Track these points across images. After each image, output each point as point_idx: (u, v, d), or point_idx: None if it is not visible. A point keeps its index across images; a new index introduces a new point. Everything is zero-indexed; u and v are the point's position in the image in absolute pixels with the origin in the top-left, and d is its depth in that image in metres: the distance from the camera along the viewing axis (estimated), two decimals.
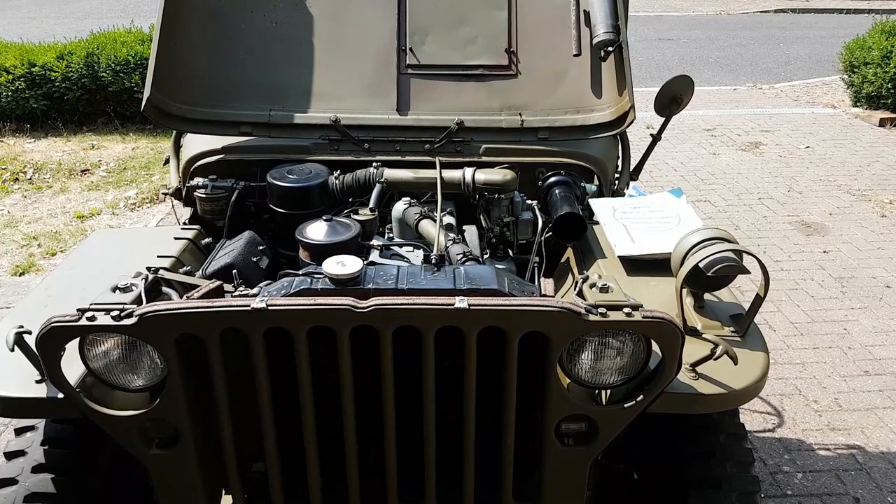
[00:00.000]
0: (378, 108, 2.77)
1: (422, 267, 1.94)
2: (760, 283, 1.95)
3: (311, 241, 2.20)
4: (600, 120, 2.71)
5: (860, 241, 5.59)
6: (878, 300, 4.76)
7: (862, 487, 3.22)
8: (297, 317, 1.60)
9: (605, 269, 2.29)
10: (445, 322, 1.63)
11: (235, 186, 2.70)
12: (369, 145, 2.75)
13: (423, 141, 2.74)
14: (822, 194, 6.54)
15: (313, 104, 2.78)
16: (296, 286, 1.83)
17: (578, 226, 2.38)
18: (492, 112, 2.75)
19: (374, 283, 1.84)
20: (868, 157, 7.48)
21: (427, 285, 1.84)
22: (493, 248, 2.55)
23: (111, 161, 7.37)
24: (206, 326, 1.60)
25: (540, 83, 2.76)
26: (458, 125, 2.72)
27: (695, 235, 2.00)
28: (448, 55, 2.79)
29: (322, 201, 2.62)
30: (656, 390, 1.73)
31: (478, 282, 1.86)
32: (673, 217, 2.46)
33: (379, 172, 2.59)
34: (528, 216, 2.55)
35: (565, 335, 1.65)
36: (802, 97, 10.02)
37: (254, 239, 2.48)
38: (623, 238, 2.34)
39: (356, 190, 2.61)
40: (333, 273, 1.81)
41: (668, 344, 1.66)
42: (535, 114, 2.75)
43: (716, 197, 6.51)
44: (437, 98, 2.76)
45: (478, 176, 2.51)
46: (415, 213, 2.40)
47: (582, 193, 2.64)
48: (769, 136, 8.21)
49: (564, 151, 2.73)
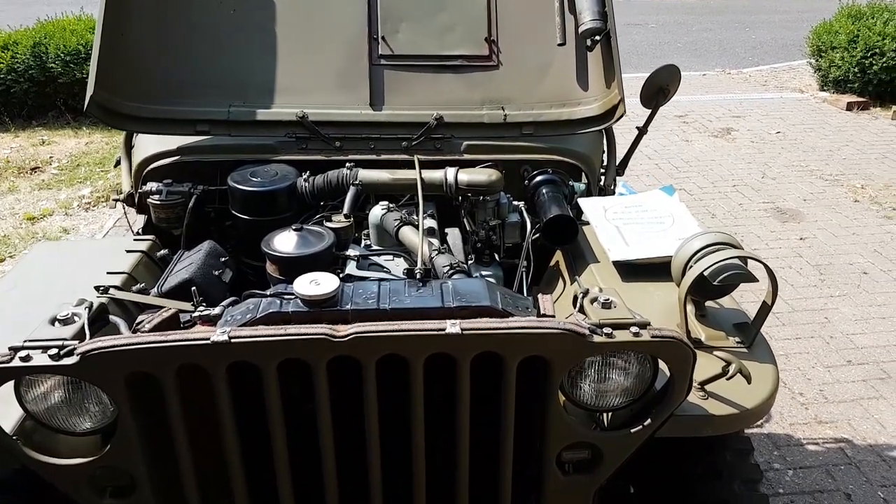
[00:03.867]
0: (349, 102, 2.56)
1: (405, 282, 1.76)
2: (767, 291, 1.81)
3: (279, 253, 2.00)
4: (588, 114, 2.54)
5: (835, 227, 5.55)
6: (857, 287, 4.71)
7: (853, 483, 3.14)
8: (265, 350, 1.42)
9: (600, 275, 2.14)
10: (436, 349, 1.46)
11: (193, 191, 2.48)
12: (341, 143, 2.55)
13: (399, 138, 2.54)
14: (796, 180, 6.49)
15: (278, 99, 2.57)
16: (263, 310, 1.63)
17: (570, 229, 2.22)
18: (473, 106, 2.57)
19: (353, 304, 1.65)
20: (838, 142, 7.48)
21: (413, 304, 1.66)
22: (479, 253, 2.37)
23: (63, 157, 7.02)
24: (160, 364, 1.40)
25: (523, 75, 2.59)
26: (437, 120, 2.53)
27: (697, 241, 1.85)
28: (424, 44, 2.60)
29: (290, 206, 2.42)
30: (665, 413, 1.58)
31: (468, 298, 1.68)
32: (667, 217, 2.32)
33: (353, 174, 2.39)
34: (516, 219, 2.38)
35: (568, 359, 1.49)
36: (771, 82, 10.02)
37: (215, 249, 2.28)
38: (617, 241, 2.18)
39: (328, 193, 2.41)
40: (306, 294, 1.62)
41: (678, 364, 1.51)
42: (519, 108, 2.57)
43: (690, 185, 6.43)
44: (413, 91, 2.57)
45: (461, 177, 2.33)
46: (394, 219, 2.21)
47: (570, 192, 2.48)
48: (740, 122, 8.17)
49: (550, 148, 2.56)
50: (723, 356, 1.60)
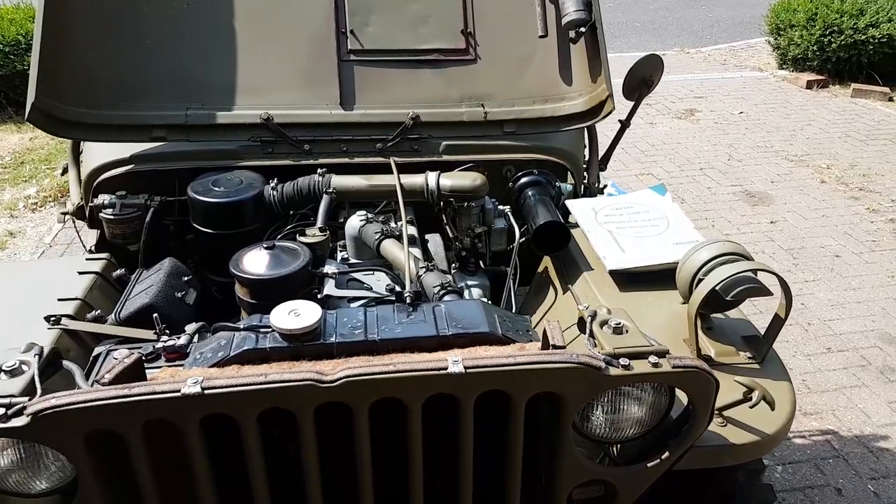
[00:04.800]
0: (318, 101, 2.38)
1: (394, 307, 1.60)
2: (780, 303, 1.71)
3: (250, 275, 1.82)
4: (572, 110, 2.40)
5: (804, 210, 5.54)
6: (830, 271, 4.69)
7: (842, 476, 3.10)
8: (243, 400, 1.25)
9: (595, 284, 2.01)
10: (436, 390, 1.31)
11: (150, 203, 2.27)
12: (310, 146, 2.37)
13: (373, 139, 2.37)
14: (762, 161, 6.48)
15: (240, 99, 2.37)
16: (237, 347, 1.47)
17: (561, 236, 2.08)
18: (451, 104, 2.40)
19: (339, 335, 1.50)
20: (800, 121, 7.49)
21: (404, 333, 1.51)
22: (463, 262, 2.23)
23: (6, 154, 6.63)
24: (124, 421, 1.23)
25: (503, 69, 2.43)
26: (414, 120, 2.36)
27: (704, 251, 1.73)
28: (396, 38, 2.42)
29: (257, 217, 2.23)
30: (684, 445, 1.46)
31: (465, 324, 1.54)
32: (660, 219, 2.20)
33: (326, 181, 2.21)
34: (502, 225, 2.23)
35: (583, 394, 1.35)
36: (730, 61, 10.02)
37: (176, 268, 2.09)
38: (612, 248, 2.06)
39: (298, 202, 2.24)
40: (285, 327, 1.46)
41: (700, 394, 1.39)
42: (500, 104, 2.41)
43: (658, 169, 6.36)
44: (386, 88, 2.39)
45: (444, 182, 2.17)
46: (375, 231, 2.04)
47: (557, 194, 2.35)
48: (703, 103, 8.14)
49: (533, 146, 2.42)
50: (744, 381, 1.48)
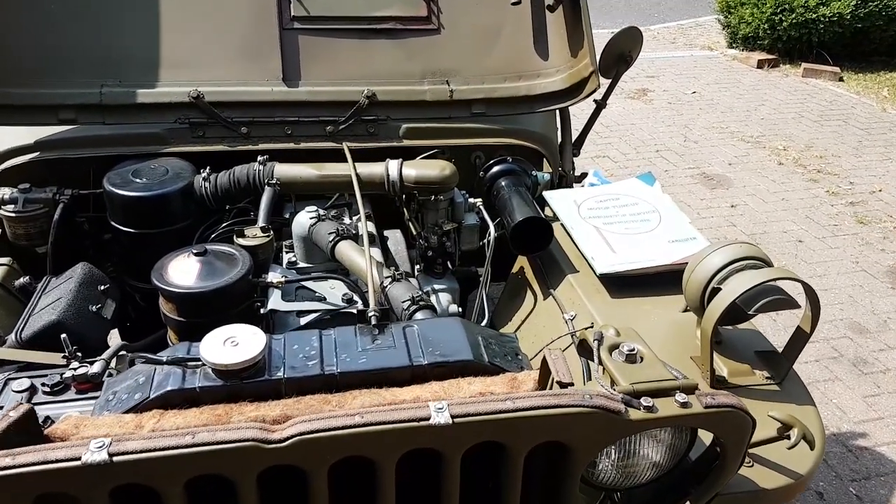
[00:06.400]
0: (257, 77, 2.05)
1: (356, 330, 1.31)
2: (806, 315, 1.48)
3: (176, 288, 1.50)
4: (549, 88, 2.13)
5: (763, 192, 5.44)
6: (794, 257, 4.58)
7: (822, 479, 2.96)
8: (165, 468, 0.95)
9: (582, 288, 1.75)
10: (416, 445, 1.03)
11: (59, 198, 1.92)
12: (248, 129, 2.04)
13: (322, 121, 2.06)
14: (718, 143, 6.36)
15: (165, 75, 2.02)
16: (158, 387, 1.16)
17: (543, 234, 1.82)
18: (411, 80, 2.10)
19: (288, 368, 1.21)
20: (753, 101, 7.42)
21: (370, 364, 1.23)
22: (429, 263, 1.94)
23: None
24: (10, 496, 0.92)
25: (470, 41, 2.14)
26: (369, 98, 2.06)
27: (716, 255, 1.49)
28: (347, 3, 2.10)
29: (186, 213, 1.90)
30: (708, 494, 1.22)
31: (444, 349, 1.26)
32: (651, 213, 1.95)
33: (268, 170, 1.89)
34: (474, 221, 1.96)
35: (595, 443, 1.09)
36: (679, 39, 9.92)
37: (91, 275, 1.75)
38: (600, 248, 1.80)
39: (235, 194, 1.92)
40: (219, 362, 1.16)
41: (733, 436, 1.15)
42: (467, 81, 2.12)
43: (613, 151, 6.19)
44: (337, 62, 2.08)
45: (407, 171, 1.88)
46: (328, 231, 1.74)
47: (533, 184, 2.08)
48: (655, 82, 8.00)
49: (505, 129, 2.14)
50: (780, 416, 1.25)
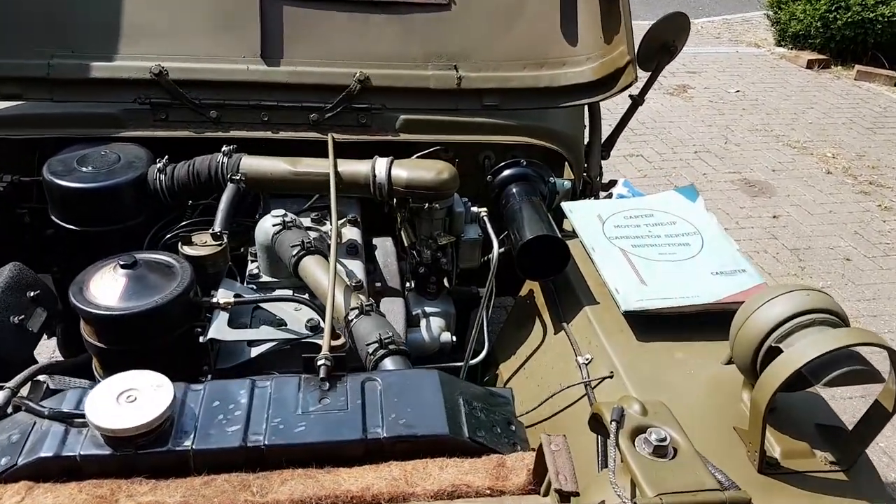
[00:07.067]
0: (230, 52, 1.76)
1: (299, 383, 1.01)
2: (889, 389, 1.15)
3: (94, 308, 1.21)
4: (577, 79, 1.80)
5: (810, 204, 5.04)
6: (841, 276, 4.20)
7: None
8: None
9: (601, 325, 1.43)
10: None
11: None
12: (218, 113, 1.75)
13: (305, 107, 1.76)
14: (761, 146, 5.96)
15: (124, 47, 1.73)
16: (29, 452, 0.88)
17: (558, 257, 1.50)
18: (413, 63, 1.79)
19: (200, 436, 0.91)
20: (801, 104, 6.99)
21: (309, 434, 0.93)
22: (421, 281, 1.64)
23: None
24: None
25: (485, 20, 1.82)
26: (362, 83, 1.75)
27: (776, 305, 1.16)
28: None
29: (138, 209, 1.62)
30: None
31: (411, 416, 0.97)
32: (692, 235, 1.62)
33: (233, 162, 1.60)
34: (475, 235, 1.64)
35: None
36: (724, 34, 9.47)
37: (18, 279, 1.47)
38: (628, 278, 1.48)
39: (195, 189, 1.63)
40: (107, 425, 0.86)
41: None
42: (478, 67, 1.81)
43: (648, 150, 5.82)
44: (326, 39, 1.78)
45: (397, 172, 1.57)
46: (293, 243, 1.43)
47: (550, 193, 1.76)
48: (696, 79, 7.59)
49: (521, 126, 1.82)
50: None
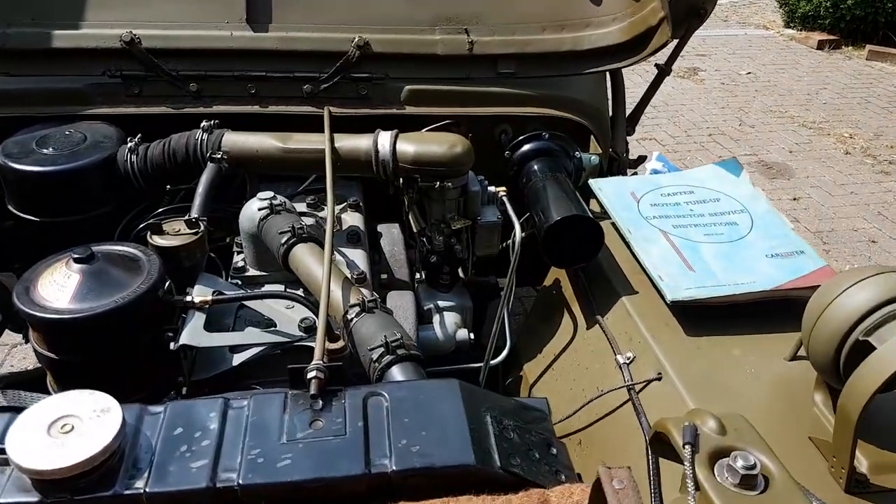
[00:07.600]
0: (213, 17, 1.56)
1: (286, 402, 0.81)
2: None
3: (41, 312, 1.01)
4: (603, 42, 1.60)
5: (829, 185, 4.84)
6: (868, 260, 4.00)
7: None
8: None
9: (642, 319, 1.24)
10: None
11: None
12: (199, 86, 1.55)
13: (298, 77, 1.57)
14: (777, 128, 5.76)
15: (91, 13, 1.54)
16: None
17: (591, 240, 1.30)
18: (419, 27, 1.59)
19: (156, 475, 0.72)
20: (814, 84, 6.78)
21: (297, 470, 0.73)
22: (433, 271, 1.44)
23: None
24: None
25: None
26: (361, 49, 1.55)
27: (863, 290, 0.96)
28: None
29: (106, 196, 1.43)
30: None
31: (426, 442, 0.77)
32: (739, 213, 1.42)
33: (214, 139, 1.41)
34: (494, 217, 1.45)
35: None
36: (732, 17, 9.26)
37: None
38: (671, 262, 1.28)
39: (172, 171, 1.43)
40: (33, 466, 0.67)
41: None
42: (492, 31, 1.60)
43: (662, 133, 5.62)
44: (319, 1, 1.57)
45: (403, 147, 1.37)
46: (281, 229, 1.23)
47: (576, 169, 1.56)
48: (706, 61, 7.40)
49: (541, 96, 1.62)
50: None
